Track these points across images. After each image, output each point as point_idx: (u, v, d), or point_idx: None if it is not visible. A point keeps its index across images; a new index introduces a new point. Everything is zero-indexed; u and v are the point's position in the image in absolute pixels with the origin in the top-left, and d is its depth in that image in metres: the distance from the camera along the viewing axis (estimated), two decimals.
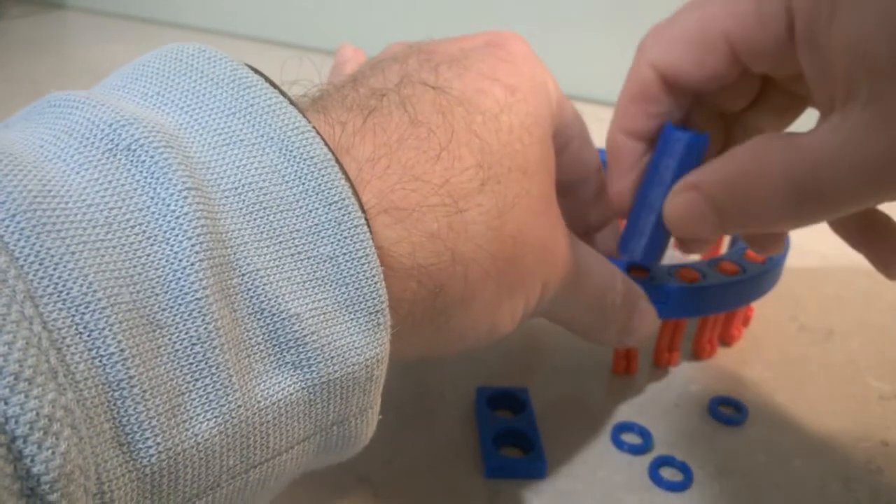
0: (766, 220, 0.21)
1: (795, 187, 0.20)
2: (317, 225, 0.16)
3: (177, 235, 0.14)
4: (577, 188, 0.29)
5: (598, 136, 0.28)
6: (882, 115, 0.17)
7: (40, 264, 0.13)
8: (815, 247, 0.40)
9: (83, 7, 0.89)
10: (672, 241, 0.39)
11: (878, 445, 0.27)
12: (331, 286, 0.16)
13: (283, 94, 0.17)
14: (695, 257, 0.39)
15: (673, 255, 0.40)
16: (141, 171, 0.14)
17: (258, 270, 0.15)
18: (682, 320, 0.30)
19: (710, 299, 0.29)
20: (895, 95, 0.17)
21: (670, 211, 0.24)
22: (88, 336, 0.13)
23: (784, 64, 0.22)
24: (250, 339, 0.15)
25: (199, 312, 0.14)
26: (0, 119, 0.17)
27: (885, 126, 0.17)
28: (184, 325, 0.14)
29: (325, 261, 0.16)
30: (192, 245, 0.14)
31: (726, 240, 0.37)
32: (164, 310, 0.14)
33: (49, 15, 0.87)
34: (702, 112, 0.26)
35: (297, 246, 0.16)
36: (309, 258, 0.16)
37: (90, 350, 0.13)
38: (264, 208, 0.16)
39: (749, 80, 0.24)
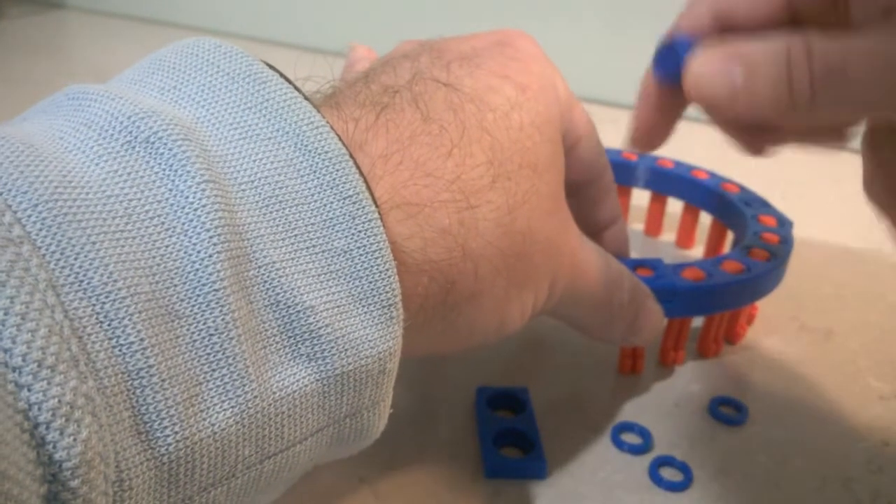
0: (788, 99, 0.20)
1: (827, 70, 0.19)
2: (331, 219, 0.16)
3: (195, 227, 0.14)
4: (585, 188, 0.29)
5: (609, 137, 0.28)
6: None
7: (62, 254, 0.13)
8: (815, 246, 0.40)
9: (83, 7, 0.89)
10: (675, 239, 0.39)
11: (878, 445, 0.27)
12: (345, 279, 0.16)
13: (297, 89, 0.17)
14: (697, 256, 0.39)
15: (678, 255, 0.40)
16: (159, 164, 0.15)
17: (274, 263, 0.15)
18: (687, 319, 0.30)
19: (716, 298, 0.29)
20: None
21: (700, 71, 0.21)
22: (109, 325, 0.13)
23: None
24: (266, 330, 0.15)
25: (216, 303, 0.14)
26: (0, 118, 0.17)
27: None
28: (202, 315, 0.14)
29: (339, 254, 0.16)
30: (210, 237, 0.14)
31: (729, 240, 0.37)
32: (182, 300, 0.14)
33: (49, 15, 0.87)
34: None
35: (312, 239, 0.16)
36: (324, 251, 0.16)
37: (110, 339, 0.13)
38: (280, 202, 0.16)
39: None
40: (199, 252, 0.14)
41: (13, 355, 0.11)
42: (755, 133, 0.25)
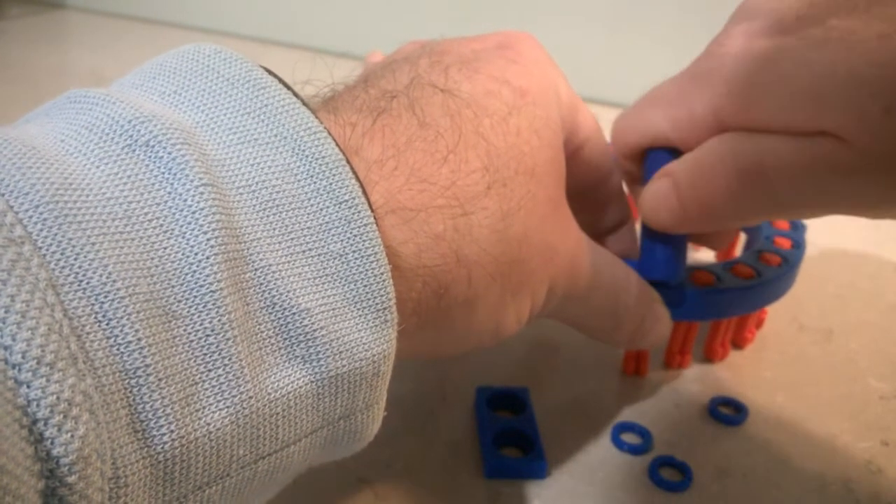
0: (719, 207, 0.23)
1: (746, 173, 0.22)
2: (327, 223, 0.17)
3: (193, 230, 0.15)
4: (592, 190, 0.29)
5: (607, 137, 0.28)
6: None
7: (62, 254, 0.13)
8: (815, 246, 0.40)
9: (83, 7, 0.89)
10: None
11: (878, 445, 0.27)
12: (340, 283, 0.17)
13: (295, 95, 0.18)
14: (709, 259, 0.39)
15: (691, 258, 0.40)
16: (159, 167, 0.15)
17: (270, 265, 0.16)
18: (694, 323, 0.30)
19: (725, 303, 0.29)
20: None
21: (643, 197, 0.25)
22: (107, 324, 0.13)
23: None
24: (262, 332, 0.15)
25: (213, 304, 0.14)
26: None
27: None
28: (198, 316, 0.14)
29: (334, 258, 0.17)
30: (208, 239, 0.15)
31: (741, 243, 0.37)
32: (179, 301, 0.14)
33: (49, 15, 0.87)
34: None
35: (308, 243, 0.16)
36: (319, 255, 0.16)
37: (109, 338, 0.13)
38: (277, 205, 0.16)
39: None
40: (196, 254, 0.14)
41: (13, 352, 0.12)
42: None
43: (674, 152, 0.26)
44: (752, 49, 0.22)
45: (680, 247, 0.27)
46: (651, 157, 0.26)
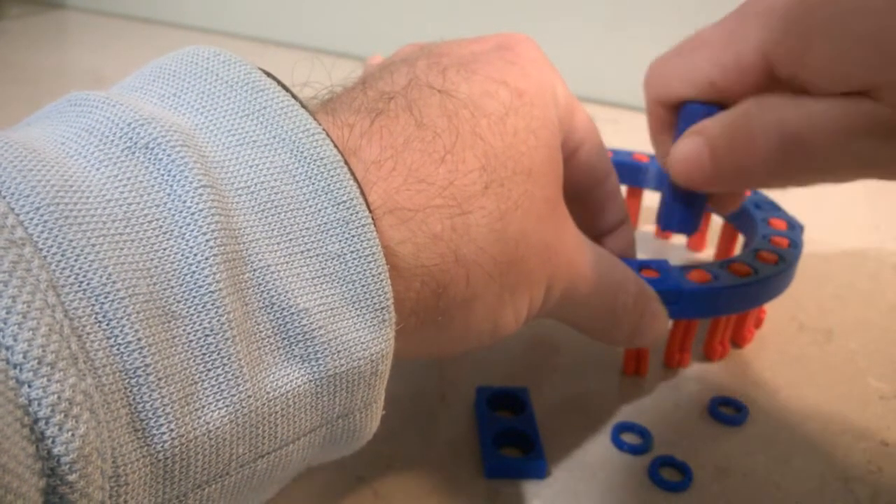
0: (754, 170, 0.23)
1: (786, 138, 0.22)
2: (326, 223, 0.17)
3: (192, 231, 0.15)
4: (590, 192, 0.29)
5: (609, 137, 0.28)
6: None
7: (63, 255, 0.13)
8: (815, 246, 0.40)
9: (83, 7, 0.89)
10: (686, 242, 0.40)
11: (878, 445, 0.27)
12: (338, 283, 0.17)
13: (294, 96, 0.18)
14: (707, 258, 0.39)
15: (684, 257, 0.40)
16: (158, 169, 0.15)
17: (269, 266, 0.16)
18: (693, 322, 0.30)
19: (722, 301, 0.29)
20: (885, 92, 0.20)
21: (674, 154, 0.25)
22: (107, 325, 0.13)
23: (773, 90, 0.23)
24: (261, 331, 0.16)
25: (212, 305, 0.15)
26: (0, 117, 0.17)
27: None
28: (198, 316, 0.14)
29: (333, 258, 0.17)
30: (207, 240, 0.15)
31: (739, 242, 0.37)
32: (179, 301, 0.14)
33: (49, 15, 0.87)
34: None
35: (306, 243, 0.16)
36: (318, 255, 0.17)
37: (109, 338, 0.13)
38: (276, 206, 0.16)
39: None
40: (195, 255, 0.15)
41: (14, 353, 0.12)
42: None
43: (709, 106, 0.25)
44: None
45: (701, 202, 0.28)
46: (686, 110, 0.26)
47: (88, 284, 0.13)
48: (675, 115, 0.27)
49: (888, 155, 0.21)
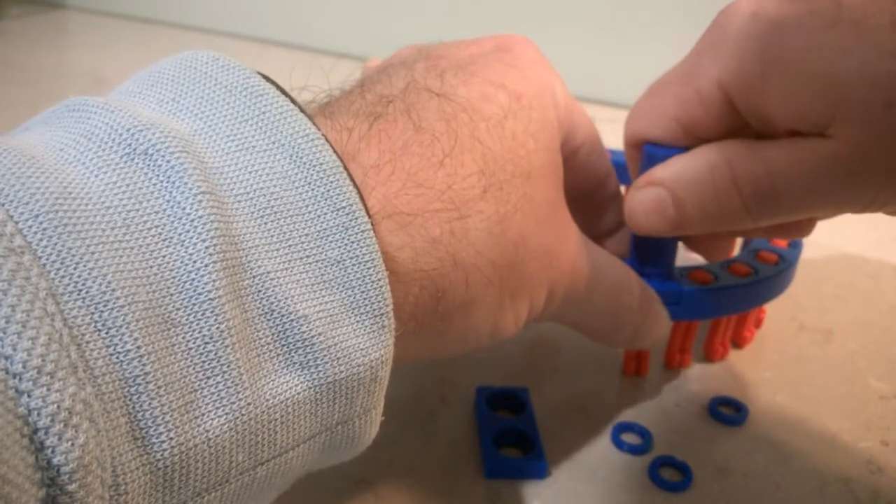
0: (723, 218, 0.23)
1: (754, 188, 0.22)
2: (325, 229, 0.17)
3: (191, 238, 0.15)
4: (590, 194, 0.29)
5: (609, 137, 0.28)
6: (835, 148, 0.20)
7: (62, 263, 0.13)
8: (815, 246, 0.40)
9: (83, 7, 0.89)
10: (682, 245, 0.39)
11: (878, 445, 0.27)
12: (338, 289, 0.17)
13: (293, 101, 0.18)
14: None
15: (685, 257, 0.40)
16: (157, 175, 0.15)
17: (268, 273, 0.16)
18: (694, 322, 0.30)
19: (723, 301, 0.29)
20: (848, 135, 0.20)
21: (632, 206, 0.25)
22: (107, 333, 0.13)
23: (734, 125, 0.24)
24: (260, 338, 0.16)
25: (212, 312, 0.14)
26: (0, 118, 0.17)
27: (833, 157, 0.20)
28: (197, 324, 0.14)
29: (332, 264, 0.17)
30: (206, 247, 0.15)
31: (739, 242, 0.37)
32: (178, 309, 0.14)
33: (49, 15, 0.87)
34: None
35: (305, 249, 0.16)
36: (317, 261, 0.16)
37: (108, 347, 0.13)
38: (275, 212, 0.16)
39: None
40: (195, 262, 0.14)
41: (14, 362, 0.12)
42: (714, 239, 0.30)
43: (667, 149, 0.25)
44: (761, 19, 0.21)
45: (671, 243, 0.28)
46: (644, 152, 0.26)
47: (88, 292, 0.13)
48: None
49: (855, 192, 0.21)
